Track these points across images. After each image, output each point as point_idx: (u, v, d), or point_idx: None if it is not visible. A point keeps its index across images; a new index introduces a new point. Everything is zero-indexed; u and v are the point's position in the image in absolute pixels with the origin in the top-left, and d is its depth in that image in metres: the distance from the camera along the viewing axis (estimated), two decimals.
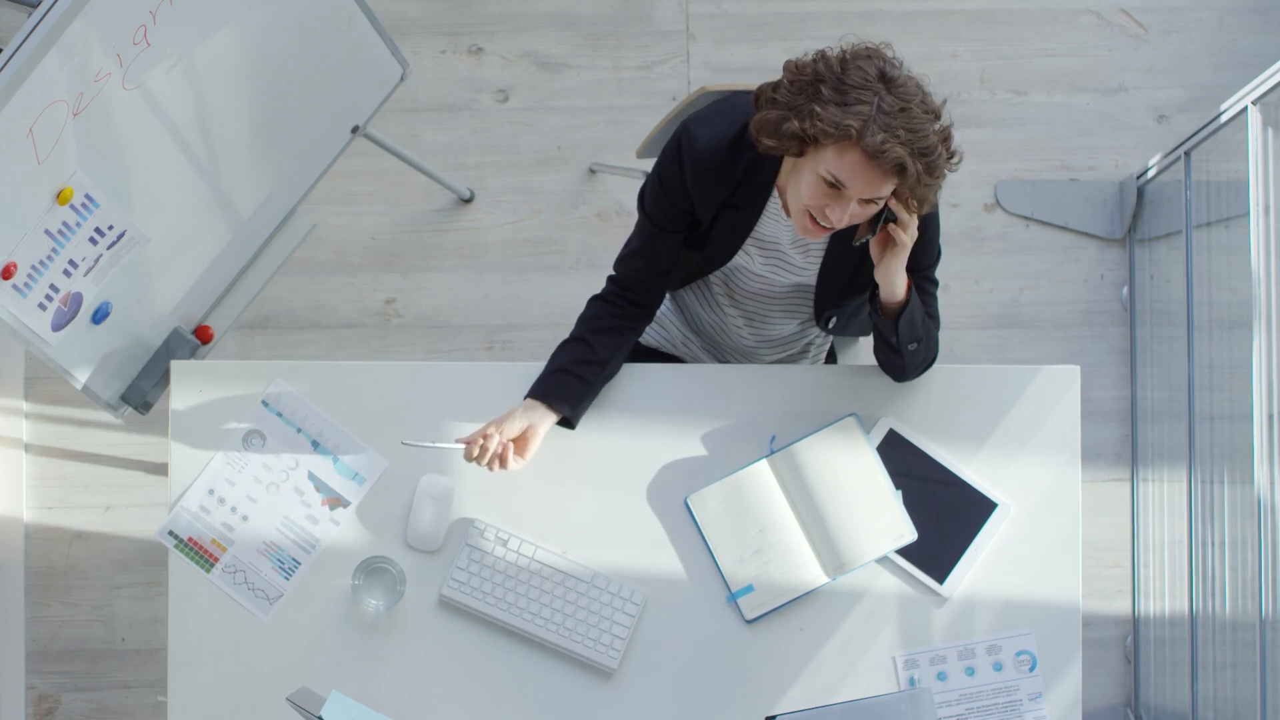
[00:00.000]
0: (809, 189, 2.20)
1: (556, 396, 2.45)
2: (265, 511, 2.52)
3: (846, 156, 2.15)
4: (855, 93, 2.13)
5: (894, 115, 2.12)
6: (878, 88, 2.13)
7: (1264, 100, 2.78)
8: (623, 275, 2.50)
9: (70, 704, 3.32)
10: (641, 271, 2.47)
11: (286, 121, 2.68)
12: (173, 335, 2.68)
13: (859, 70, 2.15)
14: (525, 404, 2.45)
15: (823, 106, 2.14)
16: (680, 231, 2.42)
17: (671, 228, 2.41)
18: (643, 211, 2.42)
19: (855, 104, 2.13)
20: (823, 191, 2.20)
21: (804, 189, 2.21)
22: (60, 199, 2.31)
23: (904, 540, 2.50)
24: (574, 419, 2.48)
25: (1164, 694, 3.25)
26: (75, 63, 2.19)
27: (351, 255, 3.44)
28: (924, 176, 2.16)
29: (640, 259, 2.46)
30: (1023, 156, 3.49)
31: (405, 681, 2.48)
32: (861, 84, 2.14)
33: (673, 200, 2.37)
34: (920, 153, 2.14)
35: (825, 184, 2.18)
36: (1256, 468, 2.73)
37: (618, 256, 2.51)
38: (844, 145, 2.14)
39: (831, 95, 2.14)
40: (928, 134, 2.14)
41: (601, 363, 2.47)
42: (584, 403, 2.48)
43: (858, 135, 2.12)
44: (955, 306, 3.42)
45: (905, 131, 2.12)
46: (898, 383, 2.53)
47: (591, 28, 3.50)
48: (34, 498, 3.36)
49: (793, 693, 2.49)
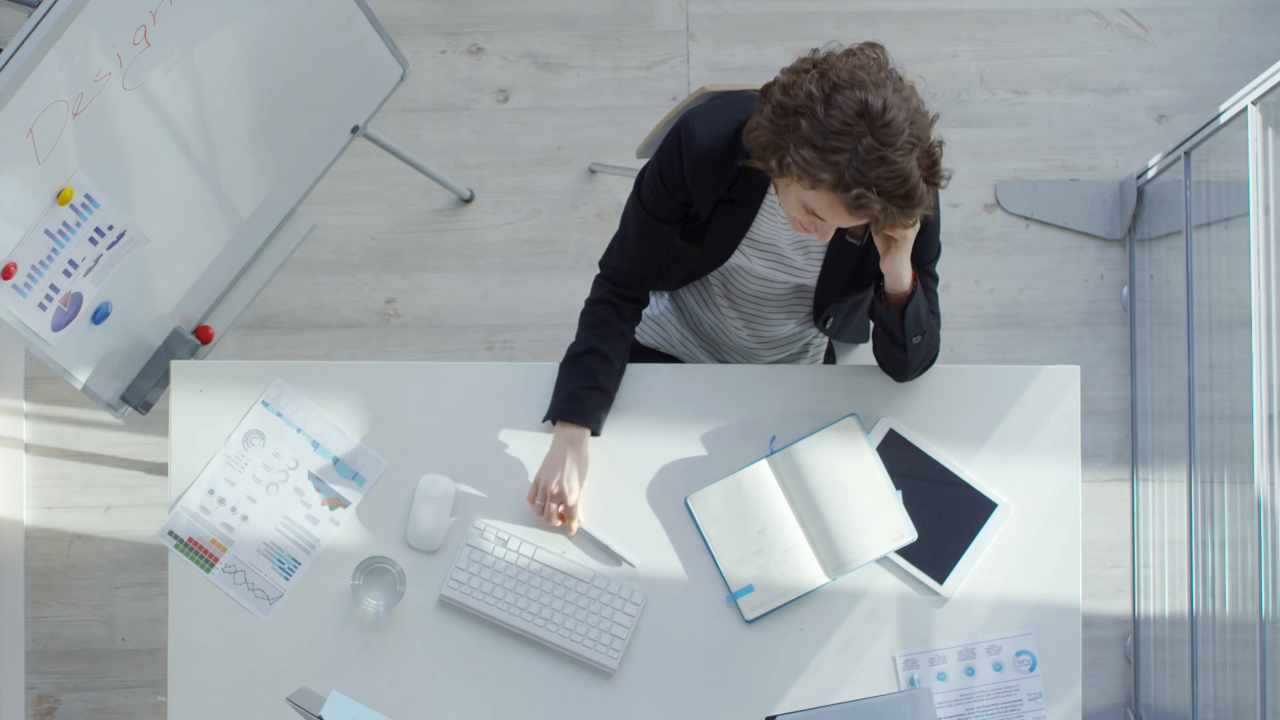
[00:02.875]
0: (793, 208, 2.20)
1: (595, 419, 2.48)
2: (265, 511, 2.52)
3: (822, 197, 2.12)
4: (833, 139, 2.06)
5: (872, 164, 2.06)
6: (859, 130, 2.06)
7: (1264, 100, 2.78)
8: (616, 271, 2.49)
9: (70, 704, 3.32)
10: (637, 264, 2.46)
11: (286, 121, 2.68)
12: (173, 335, 2.68)
13: (839, 108, 2.06)
14: (566, 434, 2.46)
15: (798, 147, 2.09)
16: (676, 223, 2.41)
17: (668, 219, 2.41)
18: (639, 202, 2.42)
19: (832, 152, 2.06)
20: (805, 215, 2.19)
21: (789, 206, 2.21)
22: (60, 199, 2.31)
23: (904, 540, 2.50)
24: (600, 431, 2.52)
25: (1164, 694, 3.25)
26: (75, 63, 2.19)
27: (351, 255, 3.44)
28: (906, 212, 2.12)
29: (637, 250, 2.45)
30: (1023, 156, 3.49)
31: (405, 681, 2.48)
32: (841, 128, 2.06)
33: (671, 193, 2.37)
34: (900, 196, 2.09)
35: (806, 211, 2.18)
36: (1256, 468, 2.73)
37: (607, 251, 2.50)
38: (819, 188, 2.11)
39: (810, 134, 2.08)
40: (909, 175, 2.08)
41: (618, 371, 2.50)
42: (607, 413, 2.51)
43: (831, 187, 2.09)
44: (955, 306, 3.42)
45: (884, 180, 2.07)
46: (898, 382, 2.53)
47: (591, 28, 3.50)
48: (34, 498, 3.36)
49: (793, 693, 2.49)
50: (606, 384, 2.48)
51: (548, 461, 2.46)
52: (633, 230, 2.44)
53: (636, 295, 2.50)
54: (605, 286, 2.50)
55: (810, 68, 2.14)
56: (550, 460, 2.46)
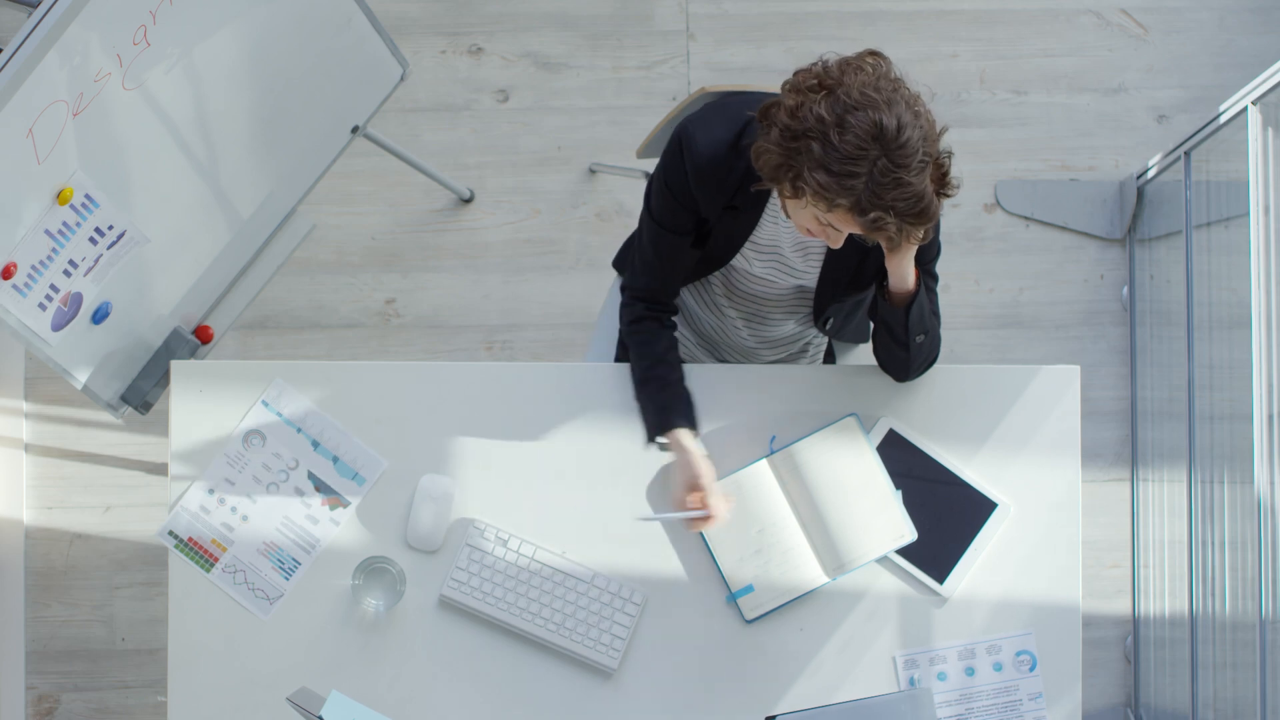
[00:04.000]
0: (806, 220, 2.19)
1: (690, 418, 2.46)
2: (265, 511, 2.52)
3: (837, 215, 2.12)
4: (848, 164, 2.04)
5: (888, 187, 2.05)
6: (873, 152, 2.04)
7: (1264, 100, 2.78)
8: (648, 290, 2.48)
9: (70, 704, 3.32)
10: (662, 279, 2.47)
11: (286, 121, 2.68)
12: (173, 335, 2.68)
13: (853, 131, 2.04)
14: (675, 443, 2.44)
15: (812, 171, 2.07)
16: (690, 232, 2.41)
17: (682, 229, 2.40)
18: (651, 219, 2.41)
19: (847, 176, 2.05)
20: (819, 227, 2.19)
21: (801, 218, 2.20)
22: (60, 199, 2.31)
23: (904, 540, 2.50)
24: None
25: (1164, 694, 3.25)
26: (75, 63, 2.19)
27: (351, 255, 3.44)
28: (919, 228, 2.13)
29: (659, 266, 2.45)
30: (1023, 156, 3.49)
31: (405, 681, 2.48)
32: (855, 152, 2.04)
33: (681, 203, 2.36)
34: (914, 215, 2.09)
35: (820, 223, 2.18)
36: (1256, 468, 2.73)
37: (631, 272, 2.50)
38: (836, 210, 2.10)
39: (823, 158, 2.06)
40: (923, 194, 2.08)
41: (682, 371, 2.49)
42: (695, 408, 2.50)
43: (848, 209, 2.08)
44: (955, 306, 3.42)
45: (900, 202, 2.06)
46: (898, 383, 2.53)
47: (591, 28, 3.50)
48: (34, 498, 3.36)
49: (793, 693, 2.49)
50: (682, 386, 2.48)
51: (678, 470, 2.45)
52: (650, 248, 2.44)
53: (669, 304, 2.51)
54: (638, 306, 2.49)
55: (816, 86, 2.10)
56: (679, 468, 2.45)
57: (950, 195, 2.16)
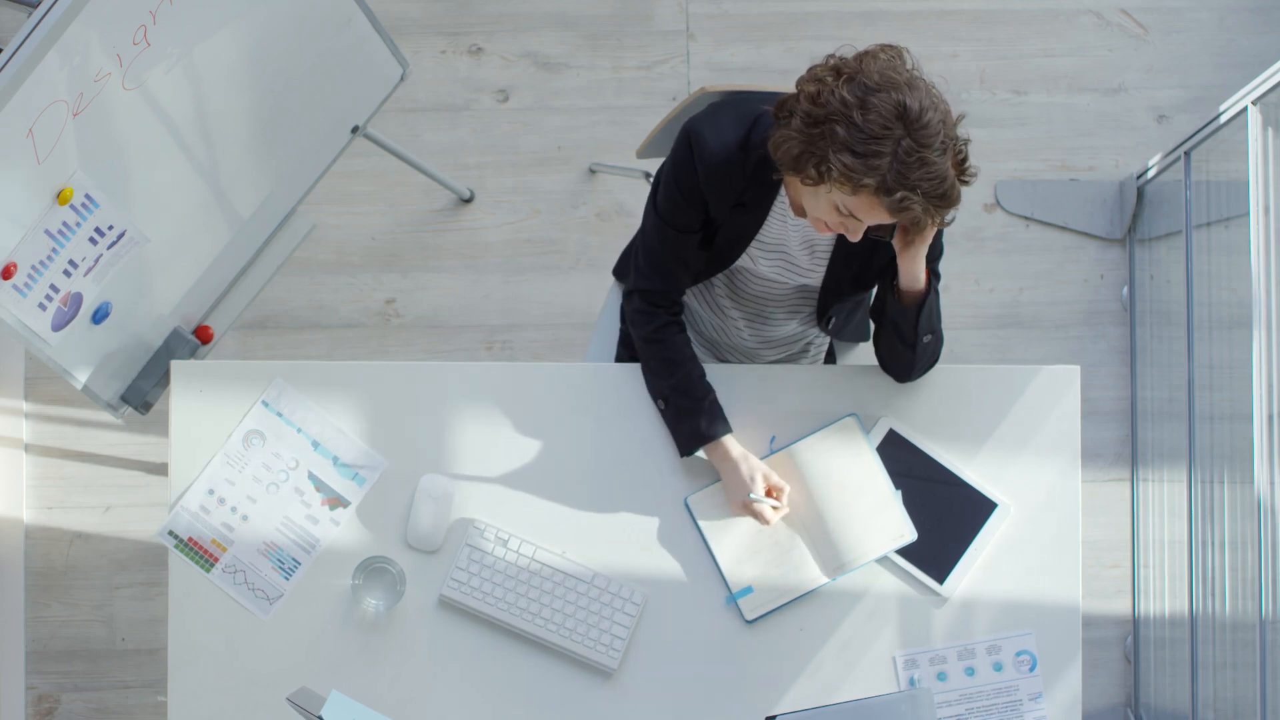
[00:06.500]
0: (825, 211, 2.19)
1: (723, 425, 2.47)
2: (265, 511, 2.52)
3: (862, 198, 2.13)
4: (873, 143, 2.07)
5: (912, 166, 2.07)
6: (897, 132, 2.07)
7: (1264, 100, 2.78)
8: (658, 292, 2.48)
9: (70, 704, 3.32)
10: (669, 279, 2.47)
11: (286, 121, 2.68)
12: (173, 335, 2.68)
13: (877, 111, 2.07)
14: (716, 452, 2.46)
15: (837, 153, 2.09)
16: (697, 232, 2.41)
17: (690, 229, 2.40)
18: (659, 219, 2.41)
19: (873, 156, 2.07)
20: (838, 218, 2.19)
21: (820, 210, 2.20)
22: (60, 199, 2.31)
23: (904, 540, 2.49)
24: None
25: (1164, 694, 3.25)
26: (75, 63, 2.19)
27: (351, 255, 3.44)
28: (943, 210, 2.14)
29: (666, 265, 2.45)
30: (1023, 156, 3.49)
31: (405, 681, 2.48)
32: (880, 131, 2.07)
33: (691, 204, 2.36)
34: (938, 196, 2.11)
35: (840, 213, 2.18)
36: (1256, 468, 2.73)
37: (639, 275, 2.49)
38: (861, 193, 2.12)
39: (847, 140, 2.08)
40: (946, 174, 2.10)
41: (703, 370, 2.49)
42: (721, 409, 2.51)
43: (874, 189, 2.09)
44: (955, 306, 3.42)
45: (924, 181, 2.08)
46: (899, 383, 2.53)
47: (591, 28, 3.50)
48: (34, 498, 3.36)
49: (793, 693, 2.49)
50: (708, 391, 2.48)
51: (726, 482, 2.47)
52: (658, 248, 2.44)
53: (677, 303, 2.50)
54: (660, 313, 2.48)
55: (834, 75, 2.13)
56: (727, 479, 2.46)
57: (968, 183, 2.18)
